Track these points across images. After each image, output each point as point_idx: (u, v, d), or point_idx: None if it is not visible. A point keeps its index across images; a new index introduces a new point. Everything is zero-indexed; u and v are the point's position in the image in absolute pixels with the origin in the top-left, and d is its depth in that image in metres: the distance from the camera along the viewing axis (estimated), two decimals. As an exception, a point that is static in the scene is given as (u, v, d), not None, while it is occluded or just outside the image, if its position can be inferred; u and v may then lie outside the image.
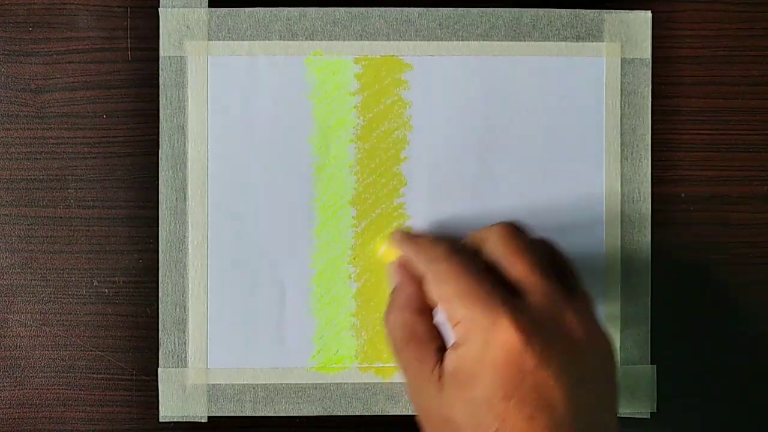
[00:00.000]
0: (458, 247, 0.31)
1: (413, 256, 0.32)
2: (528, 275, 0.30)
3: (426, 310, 0.32)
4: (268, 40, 0.37)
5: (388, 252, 0.36)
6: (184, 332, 0.37)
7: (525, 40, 0.37)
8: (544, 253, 0.31)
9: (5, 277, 0.37)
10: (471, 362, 0.28)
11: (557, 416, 0.27)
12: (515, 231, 0.31)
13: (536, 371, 0.27)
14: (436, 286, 0.30)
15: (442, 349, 0.30)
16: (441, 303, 0.30)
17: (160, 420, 0.37)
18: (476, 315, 0.28)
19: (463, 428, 0.28)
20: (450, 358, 0.29)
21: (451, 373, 0.29)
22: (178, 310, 0.37)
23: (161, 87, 0.37)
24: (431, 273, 0.31)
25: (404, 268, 0.33)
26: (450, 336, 0.30)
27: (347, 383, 0.37)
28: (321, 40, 0.37)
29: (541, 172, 0.37)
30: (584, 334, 0.29)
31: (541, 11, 0.37)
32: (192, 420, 0.37)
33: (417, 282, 0.32)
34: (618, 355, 0.32)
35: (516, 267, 0.30)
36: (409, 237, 0.34)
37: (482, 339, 0.28)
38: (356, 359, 0.37)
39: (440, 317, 0.31)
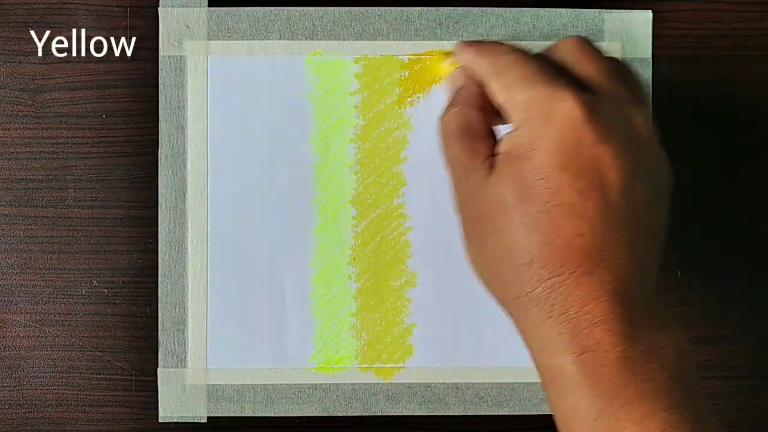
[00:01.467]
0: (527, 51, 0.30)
1: (476, 57, 0.30)
2: (598, 76, 0.28)
3: (487, 109, 0.30)
4: (268, 39, 0.37)
5: (450, 65, 0.33)
6: (183, 332, 0.37)
7: (525, 40, 0.37)
8: (616, 63, 0.30)
9: (5, 277, 0.37)
10: (529, 138, 0.27)
11: (609, 197, 0.26)
12: (588, 42, 0.30)
13: (595, 146, 0.26)
14: (497, 78, 0.29)
15: (494, 145, 0.29)
16: (502, 93, 0.29)
17: (160, 420, 0.37)
18: (538, 95, 0.27)
19: (510, 205, 0.27)
20: (505, 140, 0.28)
21: (505, 153, 0.28)
22: (177, 310, 0.37)
23: (161, 87, 0.37)
24: (493, 66, 0.29)
25: (467, 72, 0.31)
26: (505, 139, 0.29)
27: (347, 383, 0.37)
28: (321, 39, 0.37)
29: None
30: (648, 134, 0.28)
31: (541, 11, 0.37)
32: (192, 420, 0.37)
33: (480, 84, 0.30)
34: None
35: (586, 68, 0.29)
36: (472, 43, 0.32)
37: (544, 115, 0.27)
38: (356, 359, 0.37)
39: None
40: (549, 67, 0.28)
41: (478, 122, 0.30)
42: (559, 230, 0.26)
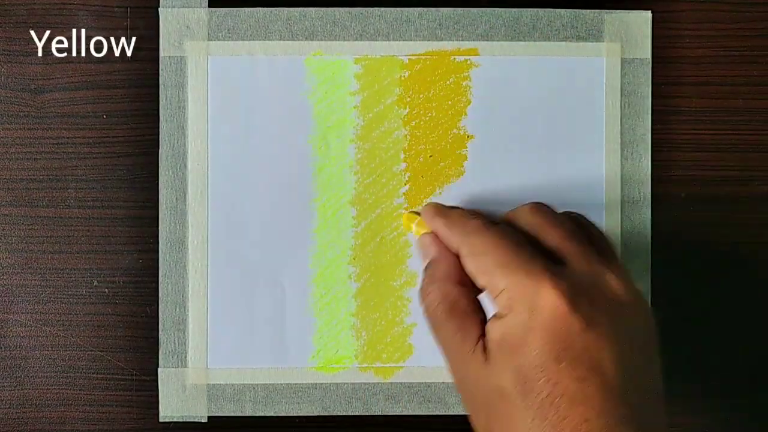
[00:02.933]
0: (491, 220, 0.31)
1: (446, 231, 0.32)
2: (564, 243, 0.30)
3: (466, 282, 0.31)
4: (268, 40, 0.37)
5: (419, 226, 0.35)
6: (184, 332, 0.37)
7: (525, 40, 0.37)
8: (576, 224, 0.31)
9: (5, 277, 0.37)
10: (518, 330, 0.28)
11: (607, 377, 0.27)
12: (544, 206, 0.31)
13: (584, 333, 0.27)
14: (473, 260, 0.30)
15: (483, 321, 0.30)
16: (479, 276, 0.30)
17: (160, 420, 0.37)
18: (519, 284, 0.28)
19: (512, 396, 0.28)
20: (495, 327, 0.29)
21: (497, 342, 0.28)
22: (178, 310, 0.37)
23: (161, 87, 0.37)
24: (467, 247, 0.31)
25: (439, 241, 0.33)
26: (489, 309, 0.30)
27: (347, 383, 0.37)
28: (321, 40, 0.37)
29: (540, 172, 0.37)
30: (626, 294, 0.29)
31: (541, 11, 0.37)
32: (192, 420, 0.37)
33: (454, 254, 0.32)
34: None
35: (552, 236, 0.30)
36: (441, 211, 0.34)
37: (528, 306, 0.28)
38: (356, 359, 0.37)
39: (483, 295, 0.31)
40: (522, 248, 0.29)
41: (462, 299, 0.31)
42: (566, 420, 0.27)
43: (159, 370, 0.37)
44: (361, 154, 0.37)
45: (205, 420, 0.37)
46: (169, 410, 0.37)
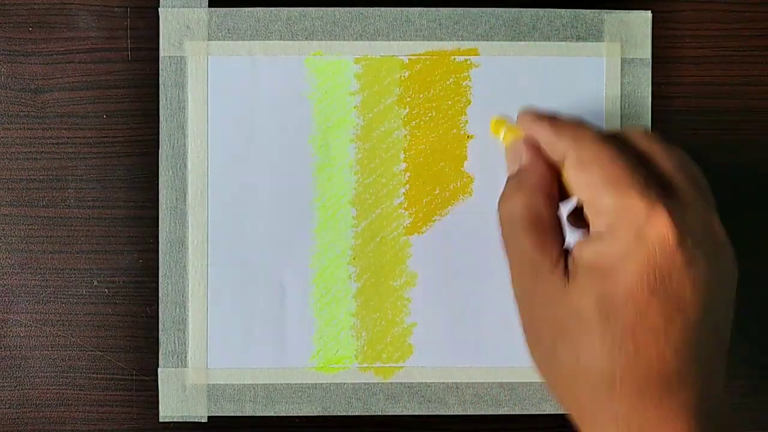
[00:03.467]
0: (605, 134, 0.29)
1: (551, 136, 0.29)
2: (679, 173, 0.28)
3: (556, 196, 0.29)
4: (268, 40, 0.37)
5: (510, 131, 0.32)
6: (184, 332, 0.37)
7: (525, 40, 0.37)
8: (684, 157, 0.29)
9: (5, 277, 0.37)
10: (617, 253, 0.26)
11: (692, 319, 0.26)
12: (657, 135, 0.29)
13: (683, 270, 0.26)
14: (580, 170, 0.28)
15: (564, 242, 0.29)
16: (584, 189, 0.28)
17: (160, 420, 0.37)
18: (629, 205, 0.26)
19: (592, 320, 0.26)
20: (587, 248, 0.27)
21: (587, 264, 0.27)
22: (178, 310, 0.37)
23: (161, 87, 0.37)
24: (576, 155, 0.28)
25: (535, 147, 0.30)
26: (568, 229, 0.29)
27: (347, 383, 0.37)
28: (321, 40, 0.37)
29: (541, 172, 0.37)
30: (725, 240, 0.28)
31: (541, 11, 0.37)
32: (192, 420, 0.37)
33: (550, 165, 0.29)
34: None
35: (666, 164, 0.28)
36: (544, 117, 0.30)
37: (634, 230, 0.26)
38: (356, 359, 0.37)
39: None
40: (638, 169, 0.27)
41: (548, 214, 0.29)
42: (644, 354, 0.26)
43: (159, 370, 0.37)
44: (361, 154, 0.37)
45: (205, 420, 0.37)
46: (169, 410, 0.37)
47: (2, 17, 0.37)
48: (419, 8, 0.37)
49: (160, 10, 0.37)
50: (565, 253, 0.29)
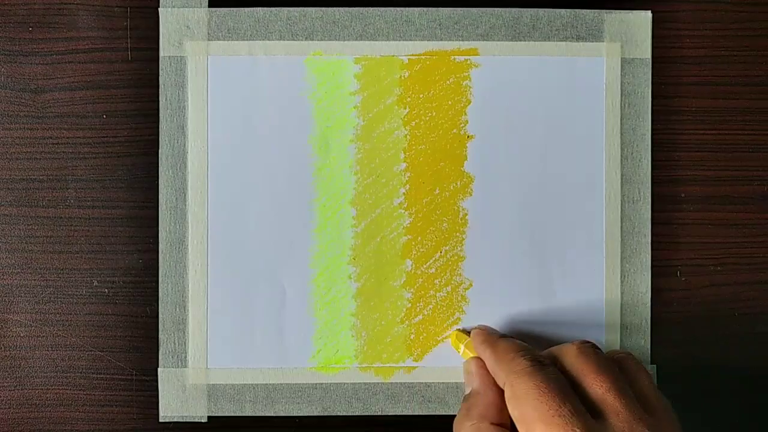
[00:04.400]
0: (539, 360, 0.31)
1: (493, 365, 0.33)
2: (607, 396, 0.30)
3: (504, 421, 0.32)
4: (268, 40, 0.37)
5: (468, 348, 0.35)
6: (183, 332, 0.37)
7: (525, 40, 0.37)
8: (621, 372, 0.32)
9: (5, 277, 0.37)
10: None
11: None
12: (592, 349, 0.32)
13: None
14: (515, 404, 0.30)
15: None
16: (519, 423, 0.30)
17: (160, 420, 0.37)
18: None
19: None
20: None
21: None
22: (178, 310, 0.37)
23: (161, 87, 0.37)
24: (510, 389, 0.31)
25: (484, 371, 0.33)
26: None
27: (347, 383, 0.37)
28: (321, 40, 0.37)
29: (540, 172, 0.37)
30: None
31: (541, 11, 0.37)
32: (192, 420, 0.37)
33: (496, 390, 0.32)
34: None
35: (595, 385, 0.30)
36: (490, 340, 0.34)
37: None
38: (356, 359, 0.37)
39: None
40: (564, 403, 0.29)
41: None
42: None
43: (159, 370, 0.37)
44: (361, 154, 0.37)
45: (205, 420, 0.37)
46: (169, 410, 0.37)
47: (2, 17, 0.37)
48: (419, 8, 0.37)
49: (160, 10, 0.37)
50: None
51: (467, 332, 0.36)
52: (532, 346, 0.33)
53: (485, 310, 0.37)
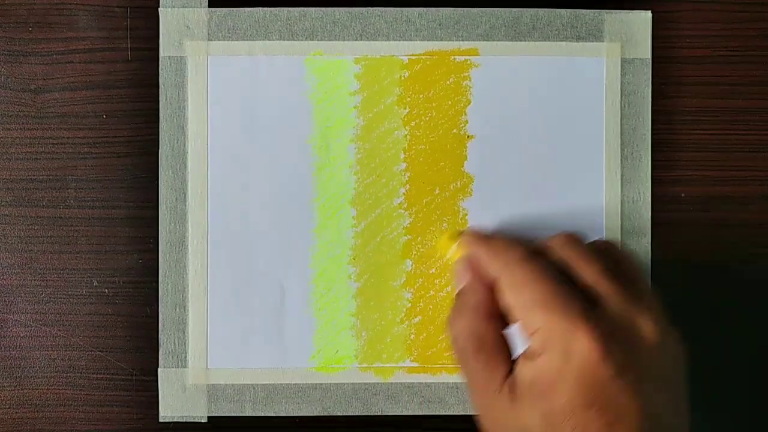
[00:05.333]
0: (532, 251, 0.31)
1: (486, 259, 0.32)
2: (599, 280, 0.30)
3: (496, 316, 0.31)
4: (268, 40, 0.37)
5: (456, 251, 0.35)
6: (183, 332, 0.37)
7: (525, 40, 0.37)
8: (609, 257, 0.31)
9: (5, 277, 0.37)
10: (550, 373, 0.28)
11: (634, 424, 0.27)
12: (577, 238, 0.32)
13: (614, 380, 0.28)
14: (512, 293, 0.30)
15: (510, 357, 0.31)
16: (516, 310, 0.30)
17: (160, 420, 0.37)
18: (555, 324, 0.28)
19: None
20: (526, 368, 0.29)
21: (527, 384, 0.29)
22: (178, 310, 0.37)
23: (161, 87, 0.37)
24: (507, 278, 0.30)
25: (474, 268, 0.33)
26: (517, 344, 0.30)
27: (347, 383, 0.37)
28: (321, 40, 0.37)
29: (540, 172, 0.37)
30: (657, 337, 0.29)
31: (541, 11, 0.37)
32: (192, 420, 0.37)
33: (487, 285, 0.32)
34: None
35: (585, 272, 0.30)
36: (482, 238, 0.33)
37: (562, 349, 0.28)
38: (356, 359, 0.37)
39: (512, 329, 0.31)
40: (562, 288, 0.29)
41: (490, 335, 0.31)
42: None
43: (159, 370, 0.37)
44: (361, 154, 0.37)
45: (205, 420, 0.37)
46: (169, 410, 0.37)
47: (2, 17, 0.37)
48: (419, 8, 0.37)
49: (160, 10, 0.37)
50: (513, 367, 0.30)
51: (456, 236, 0.36)
52: None
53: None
